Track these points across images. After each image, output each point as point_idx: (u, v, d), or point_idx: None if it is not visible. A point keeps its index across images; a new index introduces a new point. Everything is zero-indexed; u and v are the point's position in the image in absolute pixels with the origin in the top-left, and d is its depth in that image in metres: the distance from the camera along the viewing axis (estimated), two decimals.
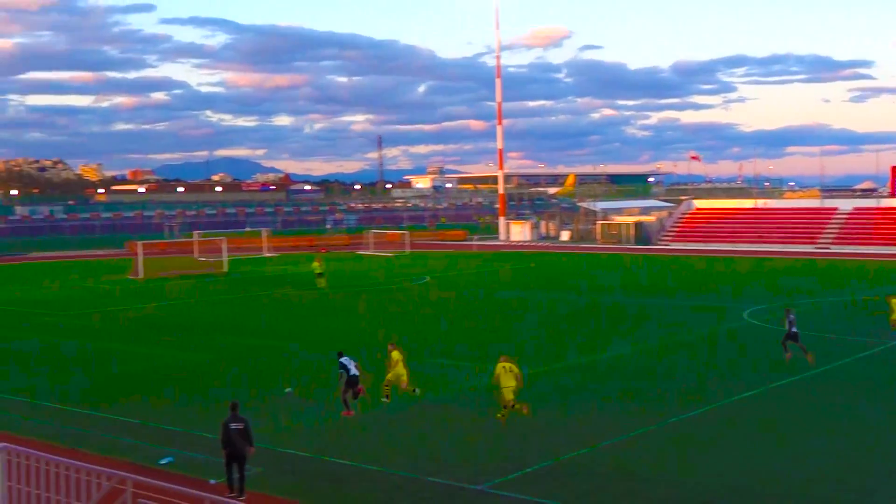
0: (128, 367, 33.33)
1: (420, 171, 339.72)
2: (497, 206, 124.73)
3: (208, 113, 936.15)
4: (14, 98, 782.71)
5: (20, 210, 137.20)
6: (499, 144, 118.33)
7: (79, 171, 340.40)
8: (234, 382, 30.22)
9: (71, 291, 59.47)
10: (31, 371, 32.89)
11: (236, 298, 54.54)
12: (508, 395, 24.47)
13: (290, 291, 57.60)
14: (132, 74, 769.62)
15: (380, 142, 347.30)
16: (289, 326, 42.79)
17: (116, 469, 11.83)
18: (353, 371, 25.88)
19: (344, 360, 26.10)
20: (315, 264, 60.59)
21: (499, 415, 24.67)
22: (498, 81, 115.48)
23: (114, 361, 34.44)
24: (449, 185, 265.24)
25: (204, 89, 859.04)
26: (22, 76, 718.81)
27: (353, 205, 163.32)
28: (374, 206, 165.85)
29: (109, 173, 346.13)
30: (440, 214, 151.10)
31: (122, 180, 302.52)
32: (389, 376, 27.21)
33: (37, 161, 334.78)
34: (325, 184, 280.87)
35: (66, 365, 34.09)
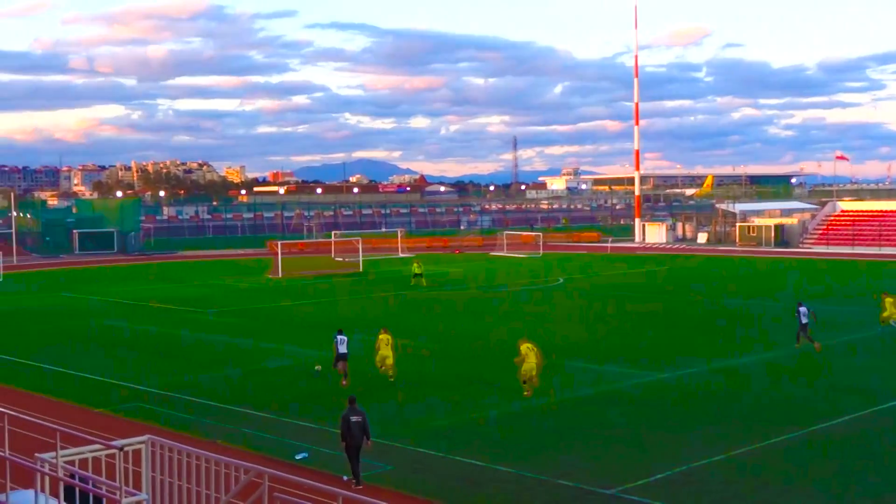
0: (265, 362, 34.20)
1: (555, 173, 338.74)
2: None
3: (347, 115, 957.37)
4: (164, 102, 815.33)
5: (167, 210, 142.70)
6: (635, 145, 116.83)
7: (223, 173, 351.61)
8: (366, 380, 30.67)
9: (213, 289, 61.39)
10: (173, 366, 34.09)
11: (371, 297, 55.32)
12: (532, 372, 27.70)
13: (424, 291, 58.14)
14: (275, 79, 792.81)
15: (515, 143, 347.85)
16: (422, 326, 43.15)
17: (254, 463, 12.16)
18: (343, 350, 29.74)
19: (339, 337, 30.06)
20: (414, 265, 63.50)
21: (525, 392, 27.64)
22: (636, 81, 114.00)
23: (252, 357, 35.41)
24: (584, 187, 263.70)
25: (343, 92, 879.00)
26: (171, 81, 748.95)
27: (487, 206, 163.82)
28: (508, 207, 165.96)
29: (252, 175, 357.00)
30: (561, 216, 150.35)
31: (264, 182, 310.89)
32: (377, 359, 30.09)
33: (184, 163, 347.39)
34: (459, 185, 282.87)
35: (207, 360, 35.23)
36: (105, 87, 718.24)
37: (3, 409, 12.68)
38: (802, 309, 35.63)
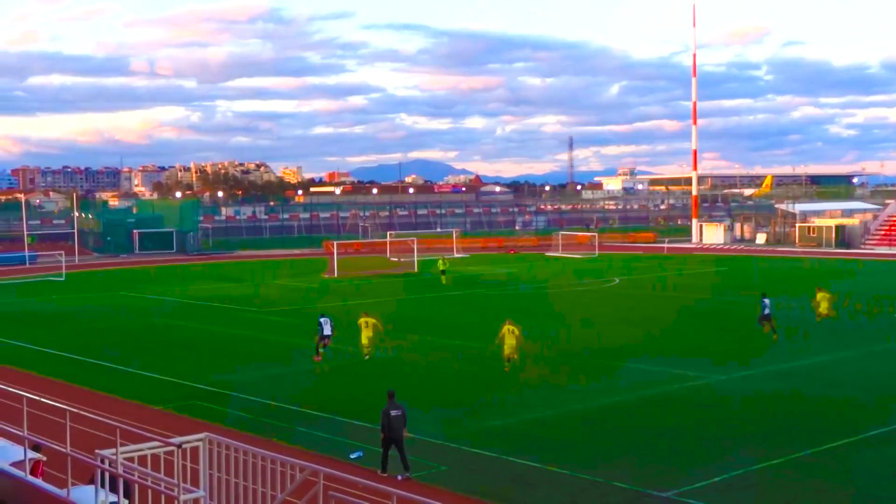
0: (320, 362, 34.39)
1: (611, 173, 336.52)
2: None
3: (403, 116, 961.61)
4: (222, 104, 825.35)
5: (225, 211, 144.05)
6: (693, 145, 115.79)
7: (280, 174, 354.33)
8: (423, 380, 30.79)
9: (270, 289, 61.95)
10: (230, 364, 34.45)
11: (426, 298, 55.42)
12: (508, 351, 31.57)
13: (480, 291, 58.11)
14: (332, 80, 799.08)
15: (571, 143, 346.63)
16: (477, 325, 43.07)
17: (309, 461, 12.23)
18: (327, 331, 34.32)
19: (322, 320, 34.57)
20: (439, 263, 65.98)
21: (506, 368, 31.42)
22: (693, 80, 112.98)
23: (308, 356, 35.61)
24: (640, 187, 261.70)
25: (399, 93, 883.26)
26: (230, 83, 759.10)
27: (542, 206, 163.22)
28: (564, 207, 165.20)
29: (308, 176, 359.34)
30: (617, 216, 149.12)
31: (320, 182, 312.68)
32: (364, 340, 34.20)
33: (241, 164, 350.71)
34: (514, 185, 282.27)
35: (263, 359, 35.56)
36: (165, 89, 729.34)
37: (64, 406, 12.90)
38: (766, 301, 39.03)
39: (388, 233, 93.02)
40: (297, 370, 33.15)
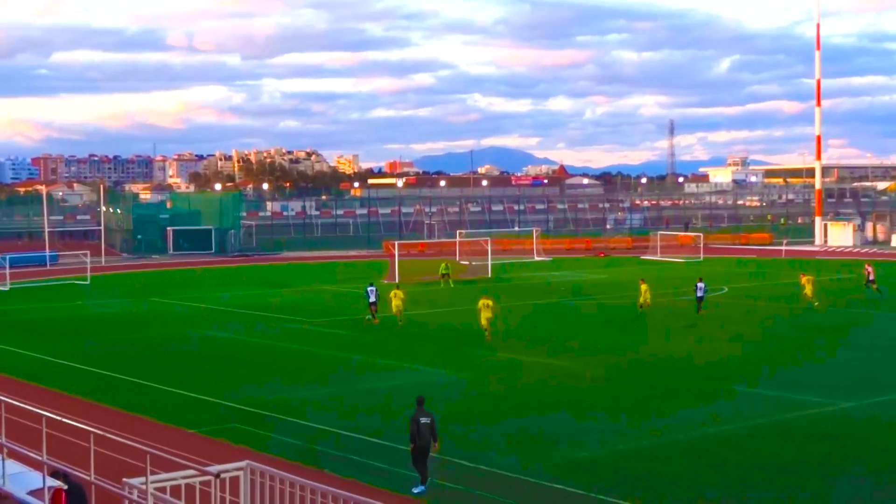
0: (377, 381, 34.54)
1: (719, 163, 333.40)
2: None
3: (476, 96, 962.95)
4: (269, 83, 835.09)
5: (271, 206, 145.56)
6: (816, 130, 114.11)
7: (334, 163, 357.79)
8: (499, 403, 30.76)
9: (321, 296, 62.36)
10: (275, 382, 34.71)
11: (503, 307, 55.15)
12: (483, 322, 42.98)
13: (564, 301, 57.88)
14: (395, 55, 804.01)
15: (672, 128, 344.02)
16: (562, 339, 42.89)
17: (364, 495, 12.30)
18: (372, 298, 48.23)
19: (369, 289, 48.42)
20: (442, 266, 69.35)
21: (487, 338, 42.33)
22: (817, 54, 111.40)
23: (363, 375, 35.83)
24: (753, 179, 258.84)
25: (473, 70, 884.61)
26: (278, 59, 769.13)
27: (637, 202, 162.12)
28: (663, 203, 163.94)
29: (366, 165, 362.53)
30: (727, 214, 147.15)
31: (379, 173, 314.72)
32: (394, 310, 47.33)
33: (290, 152, 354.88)
34: (605, 177, 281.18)
35: (313, 377, 35.78)
36: (205, 67, 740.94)
37: (88, 428, 13.13)
38: (700, 285, 50.04)
39: (458, 232, 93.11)
40: (353, 390, 33.30)
